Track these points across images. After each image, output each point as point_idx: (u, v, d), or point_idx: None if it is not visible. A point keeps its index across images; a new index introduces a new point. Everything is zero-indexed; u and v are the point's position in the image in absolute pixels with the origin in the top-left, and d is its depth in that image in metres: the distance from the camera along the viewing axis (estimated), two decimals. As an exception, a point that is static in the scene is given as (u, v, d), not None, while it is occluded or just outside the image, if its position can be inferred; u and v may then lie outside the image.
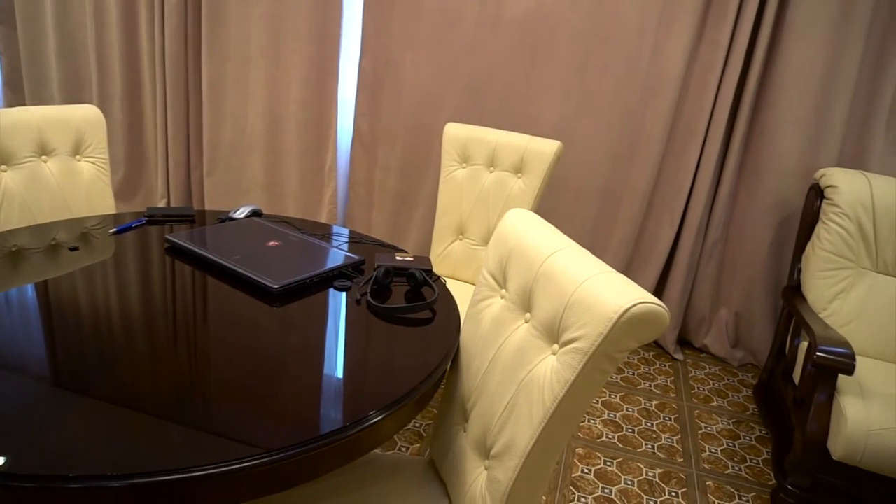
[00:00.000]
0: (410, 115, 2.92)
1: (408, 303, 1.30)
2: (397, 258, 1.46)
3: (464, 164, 2.15)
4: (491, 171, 2.12)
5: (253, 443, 0.84)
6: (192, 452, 0.81)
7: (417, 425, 2.16)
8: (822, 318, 2.15)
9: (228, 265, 1.34)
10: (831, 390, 1.85)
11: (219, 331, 1.12)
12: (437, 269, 2.21)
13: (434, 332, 1.21)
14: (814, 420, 1.85)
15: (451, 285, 2.13)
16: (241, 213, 1.71)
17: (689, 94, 2.60)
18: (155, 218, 1.66)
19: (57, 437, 0.82)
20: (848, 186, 2.19)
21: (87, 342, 1.04)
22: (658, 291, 2.87)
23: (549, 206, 2.86)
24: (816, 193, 2.32)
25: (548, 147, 2.01)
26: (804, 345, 2.18)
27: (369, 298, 1.28)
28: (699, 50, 2.54)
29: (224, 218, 1.69)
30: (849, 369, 1.79)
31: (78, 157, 1.88)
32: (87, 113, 1.90)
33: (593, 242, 2.87)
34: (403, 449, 2.04)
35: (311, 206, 3.23)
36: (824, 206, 2.25)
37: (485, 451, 1.06)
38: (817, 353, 1.83)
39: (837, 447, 1.79)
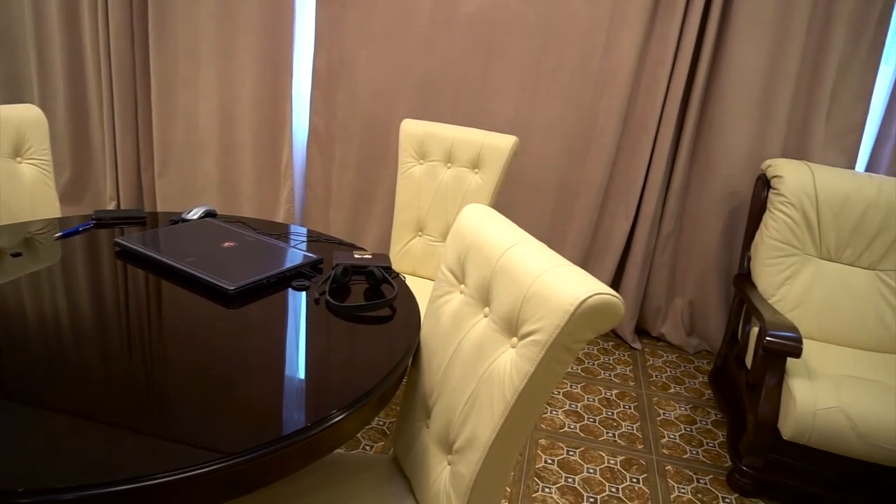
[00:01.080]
0: (366, 112, 2.91)
1: (367, 301, 1.29)
2: (356, 256, 1.45)
3: (421, 161, 2.15)
4: (448, 167, 2.12)
5: (212, 447, 0.83)
6: (148, 460, 0.79)
7: (381, 423, 2.15)
8: (772, 304, 2.22)
9: (182, 268, 1.31)
10: (781, 373, 1.92)
11: (174, 335, 1.10)
12: (396, 266, 2.21)
13: (394, 329, 1.21)
14: (765, 402, 1.92)
15: (411, 282, 2.13)
16: (195, 214, 1.67)
17: (641, 89, 2.66)
18: (103, 221, 1.61)
19: (4, 451, 0.79)
20: (792, 176, 2.28)
21: (34, 352, 1.00)
22: (615, 282, 2.92)
23: (507, 200, 2.88)
24: (763, 184, 2.40)
25: (504, 142, 2.03)
26: (755, 330, 2.25)
27: (328, 297, 1.27)
28: (649, 45, 2.60)
29: (177, 219, 1.65)
30: (796, 352, 1.86)
31: (18, 158, 1.81)
32: (26, 112, 1.82)
33: (551, 236, 2.90)
34: (367, 448, 2.03)
35: (268, 206, 3.18)
36: (771, 195, 2.33)
37: (447, 446, 1.07)
38: (767, 338, 1.89)
39: (787, 427, 1.86)
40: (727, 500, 1.98)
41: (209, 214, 1.69)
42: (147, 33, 3.03)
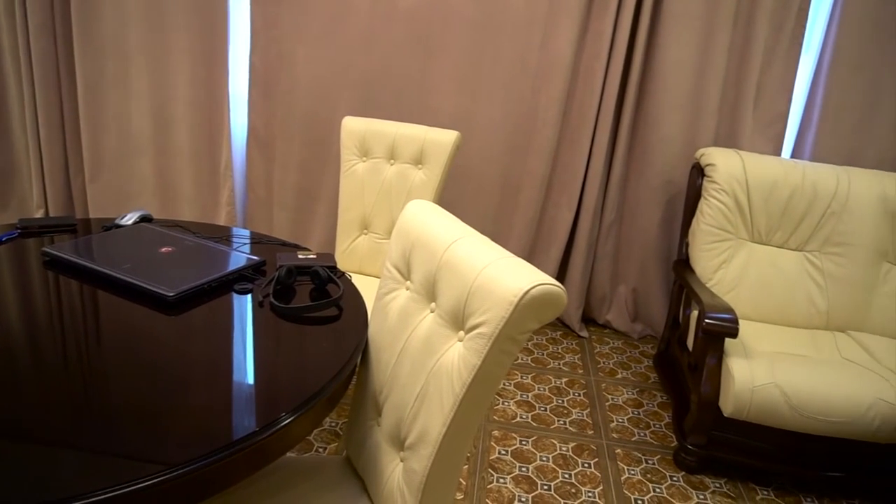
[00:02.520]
0: (306, 110, 2.86)
1: (313, 301, 1.28)
2: (300, 257, 1.43)
3: (364, 158, 2.13)
4: (391, 164, 2.12)
5: (157, 459, 0.80)
6: (88, 477, 0.76)
7: (333, 424, 2.13)
8: (709, 288, 2.31)
9: (118, 275, 1.26)
10: (720, 354, 2.00)
11: (113, 346, 1.06)
12: (342, 265, 2.19)
13: (341, 328, 1.20)
14: (706, 382, 1.99)
15: (358, 280, 2.11)
16: (129, 219, 1.61)
17: (579, 82, 2.71)
18: (30, 229, 1.54)
19: (-74, 477, 0.74)
20: (724, 164, 2.37)
21: (-44, 370, 0.95)
22: (561, 272, 2.98)
23: (452, 196, 2.89)
24: (698, 172, 2.49)
25: (446, 137, 2.03)
26: (695, 314, 2.34)
27: (272, 300, 1.25)
28: (585, 39, 2.65)
29: (110, 226, 1.58)
30: (733, 333, 1.95)
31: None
32: (-59, 119, 1.72)
33: (497, 229, 2.93)
34: (320, 450, 2.01)
35: (208, 209, 3.09)
36: (705, 183, 2.41)
37: (399, 443, 1.07)
38: (705, 321, 1.97)
39: (728, 405, 1.94)
40: (674, 479, 2.05)
41: (145, 219, 1.64)
42: (71, 33, 2.89)
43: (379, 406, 1.15)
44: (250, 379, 1.00)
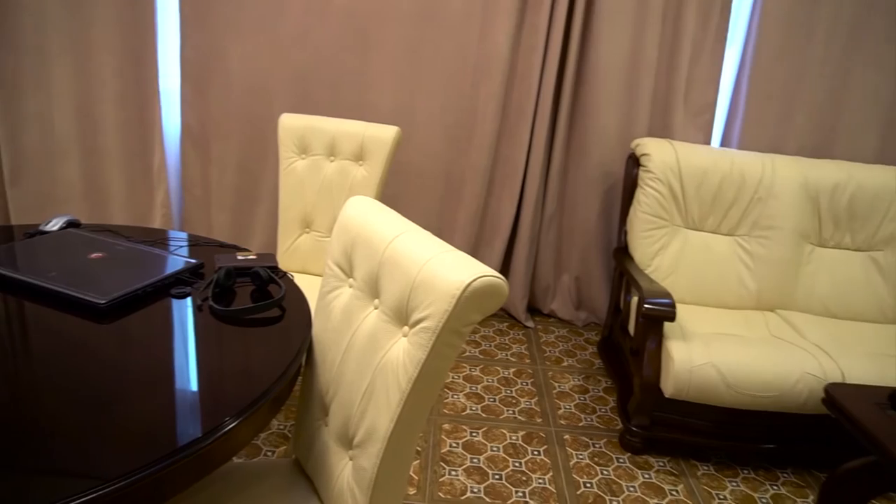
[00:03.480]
0: (242, 108, 2.79)
1: (254, 303, 1.25)
2: (239, 258, 1.40)
3: (303, 156, 2.10)
4: (332, 161, 2.09)
5: (93, 474, 0.77)
6: (21, 499, 0.73)
7: (281, 427, 2.10)
8: (648, 274, 2.39)
9: (44, 284, 1.20)
10: (659, 337, 2.07)
11: (42, 359, 1.01)
12: (284, 265, 2.15)
13: (284, 329, 1.18)
14: (648, 365, 2.06)
15: (302, 280, 2.08)
16: (54, 225, 1.53)
17: (517, 76, 2.74)
18: (-55, 240, 1.44)
19: None
20: (658, 154, 2.45)
21: None
22: (505, 264, 3.01)
23: (395, 191, 2.88)
24: (633, 162, 2.56)
25: (386, 133, 2.02)
26: (635, 299, 2.41)
27: (211, 303, 1.21)
28: (522, 33, 2.68)
29: (33, 232, 1.51)
30: (671, 317, 2.02)
31: None
32: None
33: (441, 224, 2.94)
34: (269, 453, 1.97)
35: (142, 212, 2.98)
36: (640, 172, 2.49)
37: (347, 442, 1.06)
38: (645, 306, 2.03)
39: (668, 386, 2.01)
40: (621, 460, 2.12)
41: (72, 225, 1.56)
42: (-16, 29, 2.73)
43: (326, 406, 1.14)
44: (192, 385, 0.97)
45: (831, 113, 2.71)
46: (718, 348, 2.01)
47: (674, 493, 1.99)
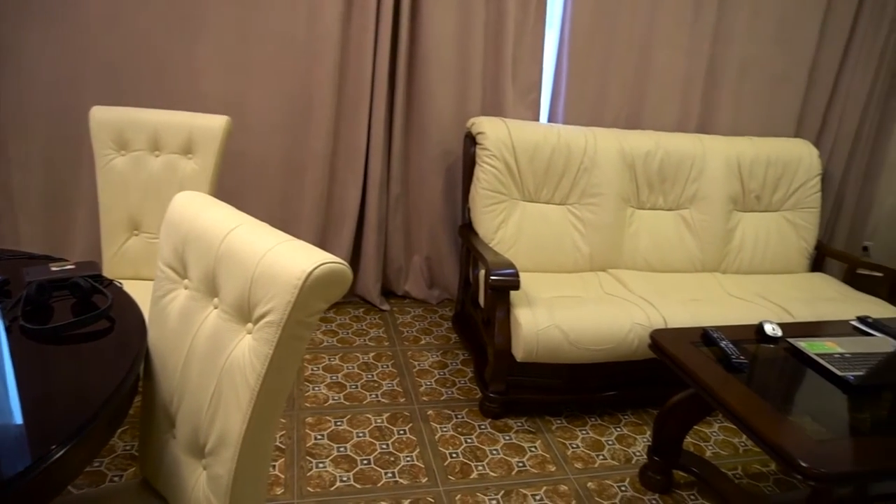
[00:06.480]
0: (46, 101, 2.48)
1: (76, 317, 1.13)
2: (53, 269, 1.25)
3: (122, 152, 1.92)
4: (157, 156, 1.94)
5: None
6: None
7: (128, 448, 1.94)
8: (492, 247, 2.50)
9: None
10: (507, 306, 2.18)
11: None
12: (113, 272, 1.97)
13: (116, 341, 1.08)
14: (499, 334, 2.17)
15: (135, 286, 1.91)
16: None
17: (351, 58, 2.71)
18: None
19: None
20: (492, 132, 2.55)
21: None
22: (356, 250, 2.99)
23: (232, 184, 2.74)
24: (470, 140, 2.65)
25: (215, 123, 1.91)
26: (482, 273, 2.51)
27: (22, 322, 1.08)
28: (352, 13, 2.65)
29: None
30: (516, 285, 2.13)
31: None
32: None
33: (285, 214, 2.85)
34: (116, 478, 1.81)
35: (-72, 227, 2.56)
36: (477, 150, 2.58)
37: (199, 451, 1.00)
38: (491, 277, 2.13)
39: (519, 351, 2.13)
40: (482, 427, 2.21)
41: None
42: None
43: (172, 417, 1.07)
44: (14, 417, 0.86)
45: (638, 88, 2.99)
46: (560, 310, 2.17)
47: (532, 449, 2.12)
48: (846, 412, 1.55)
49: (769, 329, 1.92)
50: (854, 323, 2.08)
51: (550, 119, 3.02)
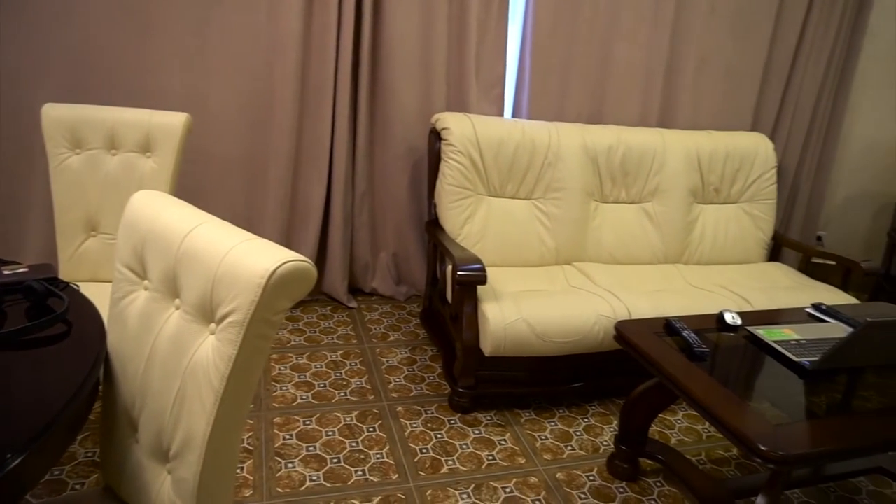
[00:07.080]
0: (-6, 100, 2.40)
1: (31, 321, 1.10)
2: (5, 273, 1.21)
3: (77, 150, 1.87)
4: (114, 154, 1.89)
5: None
6: None
7: (89, 454, 1.89)
8: (458, 243, 2.50)
9: None
10: (475, 301, 2.19)
11: None
12: (70, 275, 1.91)
13: (73, 345, 1.05)
14: (467, 329, 2.17)
15: (93, 289, 1.86)
16: None
17: (313, 54, 2.68)
18: None
19: None
20: (457, 127, 2.56)
21: None
22: (321, 247, 2.97)
23: (194, 183, 2.69)
24: (435, 136, 2.65)
25: (175, 120, 1.87)
26: (450, 268, 2.52)
27: (-26, 328, 1.04)
28: (313, 10, 2.62)
29: None
30: (482, 280, 2.14)
31: None
32: None
33: (249, 212, 2.81)
34: (77, 486, 1.77)
35: None
36: (443, 146, 2.58)
37: (163, 455, 0.99)
38: (458, 273, 2.13)
39: (487, 345, 2.14)
40: (452, 422, 2.22)
41: None
42: None
43: (134, 421, 1.05)
44: (-45, 426, 0.83)
45: (600, 83, 3.03)
46: (527, 304, 2.18)
47: (502, 442, 2.14)
48: (802, 396, 1.61)
49: (729, 318, 1.97)
50: (809, 310, 2.15)
51: (514, 114, 3.03)
